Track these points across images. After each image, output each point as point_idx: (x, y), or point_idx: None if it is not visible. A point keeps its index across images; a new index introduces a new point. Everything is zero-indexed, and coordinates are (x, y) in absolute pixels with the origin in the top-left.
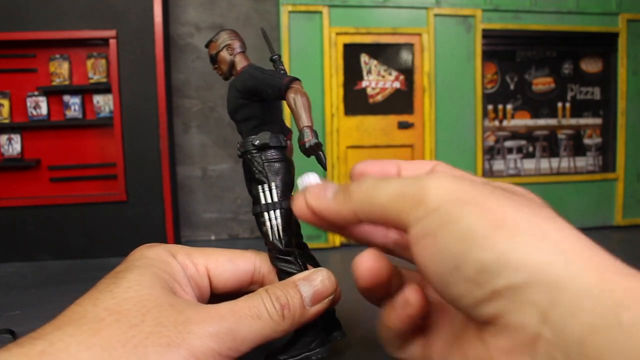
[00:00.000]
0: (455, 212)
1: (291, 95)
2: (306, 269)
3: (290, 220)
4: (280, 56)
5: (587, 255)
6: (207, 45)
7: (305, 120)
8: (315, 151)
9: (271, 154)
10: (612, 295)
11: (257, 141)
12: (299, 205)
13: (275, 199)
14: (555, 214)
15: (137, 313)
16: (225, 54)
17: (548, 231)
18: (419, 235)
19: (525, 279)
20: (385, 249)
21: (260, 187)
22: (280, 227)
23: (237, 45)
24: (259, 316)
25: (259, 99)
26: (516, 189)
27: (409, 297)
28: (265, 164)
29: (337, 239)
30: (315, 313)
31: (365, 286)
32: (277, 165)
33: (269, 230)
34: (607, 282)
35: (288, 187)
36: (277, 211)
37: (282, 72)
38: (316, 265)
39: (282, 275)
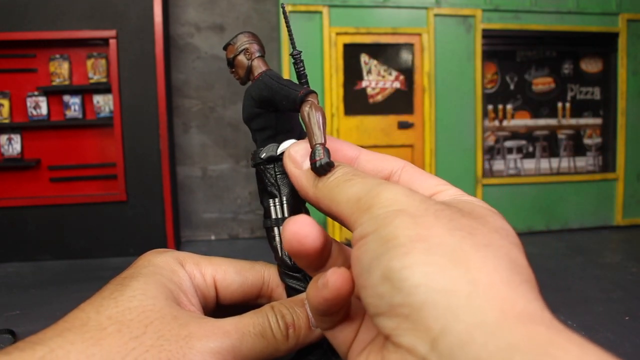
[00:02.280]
0: (389, 219)
1: (306, 110)
2: None
3: None
4: (300, 53)
5: (501, 291)
6: (225, 48)
7: (318, 137)
8: (326, 171)
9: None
10: (509, 336)
11: (264, 154)
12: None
13: (286, 214)
14: (503, 246)
15: (140, 324)
16: (242, 58)
17: (469, 258)
18: (356, 238)
19: (423, 300)
20: None
21: (271, 200)
22: None
23: (255, 49)
24: (262, 334)
25: (274, 109)
26: (479, 212)
27: (329, 279)
28: (279, 176)
29: None
30: (321, 334)
31: (290, 250)
32: (289, 178)
33: (278, 245)
34: (508, 323)
35: (300, 202)
36: None
37: (302, 72)
38: None
39: (290, 292)
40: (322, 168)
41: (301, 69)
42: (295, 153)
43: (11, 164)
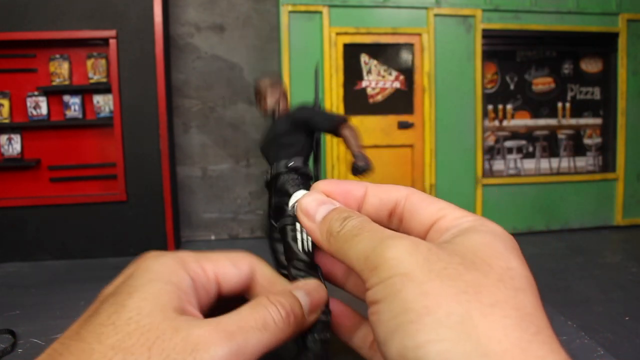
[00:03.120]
0: (398, 287)
1: (347, 128)
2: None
3: None
4: (321, 104)
5: (515, 358)
6: (257, 82)
7: (359, 147)
8: (365, 172)
9: (303, 178)
10: None
11: (292, 163)
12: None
13: (292, 207)
14: (509, 298)
15: (142, 348)
16: (274, 93)
17: (479, 327)
18: (370, 300)
19: None
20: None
21: (286, 199)
22: (310, 240)
23: (282, 90)
24: (265, 327)
25: (308, 129)
26: (483, 254)
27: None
28: (301, 184)
29: None
30: (311, 323)
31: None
32: (308, 187)
33: (299, 241)
34: None
35: None
36: None
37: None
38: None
39: None
40: (362, 169)
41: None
42: (307, 205)
43: (11, 164)
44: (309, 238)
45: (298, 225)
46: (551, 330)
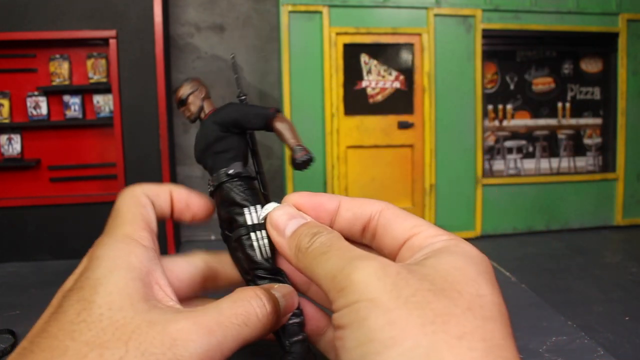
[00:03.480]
0: (363, 314)
1: (278, 122)
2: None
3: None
4: (246, 97)
5: None
6: (176, 90)
7: (296, 140)
8: (307, 165)
9: (247, 182)
10: None
11: (231, 170)
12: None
13: (262, 219)
14: (476, 329)
15: (118, 342)
16: (196, 98)
17: (443, 356)
18: (336, 324)
19: None
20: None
21: (245, 209)
22: (267, 247)
23: (205, 91)
24: (246, 323)
25: (240, 130)
26: (453, 279)
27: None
28: (247, 191)
29: None
30: (282, 324)
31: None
32: (254, 191)
33: (257, 250)
34: None
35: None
36: (263, 231)
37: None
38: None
39: None
40: (304, 163)
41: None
42: (277, 220)
43: (11, 164)
44: (266, 243)
45: (252, 235)
46: (517, 358)
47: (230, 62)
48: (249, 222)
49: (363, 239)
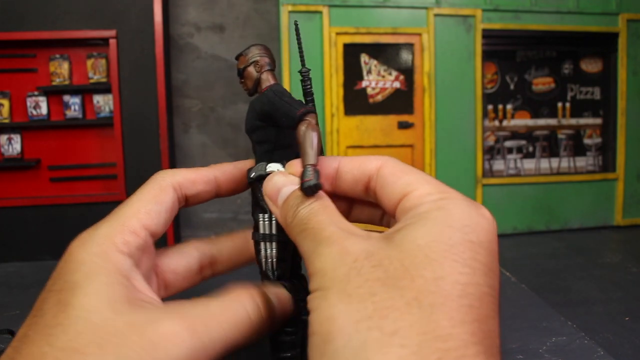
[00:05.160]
0: (316, 304)
1: (302, 129)
2: (296, 301)
3: (286, 252)
4: (309, 71)
5: None
6: (237, 58)
7: (310, 158)
8: (314, 192)
9: None
10: None
11: (253, 174)
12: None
13: (274, 230)
14: (425, 321)
15: (96, 348)
16: (252, 70)
17: (368, 357)
18: (308, 307)
19: None
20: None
21: (261, 215)
22: (274, 259)
23: (265, 62)
24: (236, 325)
25: (275, 124)
26: (416, 271)
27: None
28: None
29: None
30: (277, 325)
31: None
32: None
33: (263, 260)
34: None
35: None
36: (274, 243)
37: (309, 89)
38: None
39: None
40: (310, 189)
41: (308, 86)
42: (270, 190)
43: (11, 164)
44: (274, 255)
45: (262, 244)
46: (471, 347)
47: (295, 28)
48: (261, 231)
49: (368, 197)
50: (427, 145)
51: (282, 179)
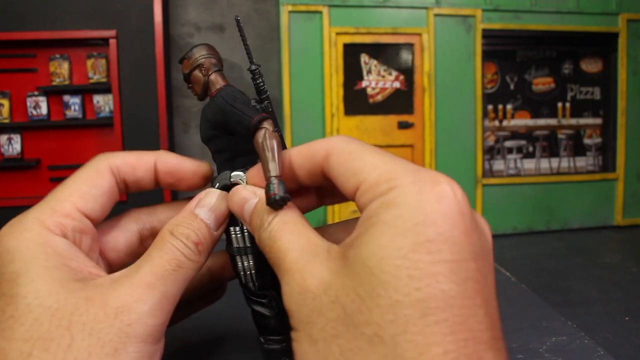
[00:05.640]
0: (293, 345)
1: (259, 139)
2: (282, 311)
3: (264, 261)
4: (259, 67)
5: None
6: (180, 62)
7: (272, 170)
8: (280, 205)
9: None
10: None
11: (217, 184)
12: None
13: (248, 242)
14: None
15: (63, 330)
16: (198, 74)
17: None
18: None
19: None
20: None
21: (232, 228)
22: (253, 271)
23: (211, 63)
24: (180, 266)
25: (230, 132)
26: (370, 294)
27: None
28: None
29: None
30: (220, 234)
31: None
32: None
33: (241, 273)
34: None
35: None
36: (249, 255)
37: (262, 87)
38: None
39: (257, 318)
40: (276, 203)
41: (260, 84)
42: (235, 207)
43: (11, 164)
44: (252, 267)
45: (237, 258)
46: None
47: (237, 25)
48: (235, 244)
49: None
50: (427, 145)
51: (244, 193)
